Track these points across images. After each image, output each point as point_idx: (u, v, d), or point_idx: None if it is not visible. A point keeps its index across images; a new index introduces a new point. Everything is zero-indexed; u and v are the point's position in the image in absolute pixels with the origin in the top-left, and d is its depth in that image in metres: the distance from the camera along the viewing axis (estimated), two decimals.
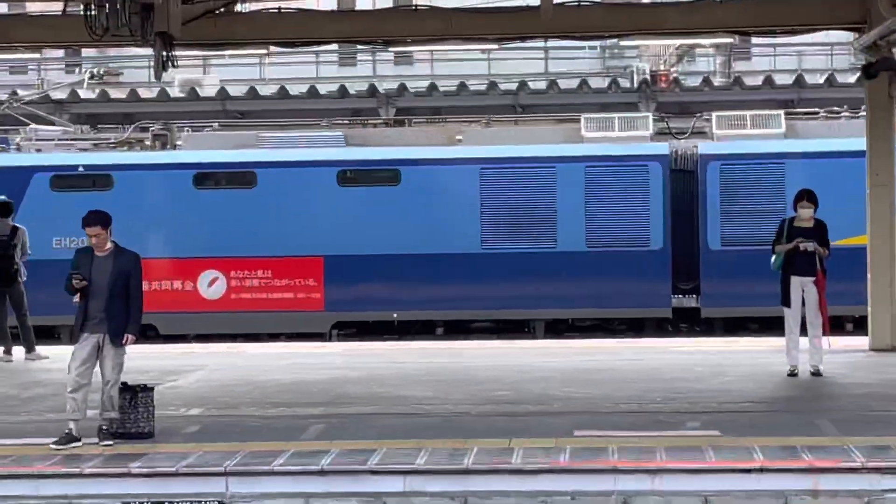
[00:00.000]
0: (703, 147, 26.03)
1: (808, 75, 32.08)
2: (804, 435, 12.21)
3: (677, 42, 29.47)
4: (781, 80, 32.06)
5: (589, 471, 10.90)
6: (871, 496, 10.54)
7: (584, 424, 13.03)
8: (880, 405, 14.18)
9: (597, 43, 30.85)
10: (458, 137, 26.94)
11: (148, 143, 25.92)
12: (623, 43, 29.46)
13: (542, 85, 30.54)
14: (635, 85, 30.77)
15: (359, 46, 27.99)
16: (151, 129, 26.67)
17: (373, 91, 31.21)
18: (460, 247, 25.09)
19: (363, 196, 24.86)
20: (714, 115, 27.14)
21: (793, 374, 16.85)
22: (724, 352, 20.00)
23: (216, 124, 27.57)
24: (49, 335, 23.43)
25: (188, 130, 26.66)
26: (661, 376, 17.35)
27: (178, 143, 26.00)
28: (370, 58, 32.51)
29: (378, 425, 13.25)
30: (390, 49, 25.98)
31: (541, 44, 28.77)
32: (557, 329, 24.15)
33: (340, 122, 28.56)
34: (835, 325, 19.16)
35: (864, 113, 22.41)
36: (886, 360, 18.69)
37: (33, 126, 27.17)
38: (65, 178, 24.40)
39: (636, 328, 25.16)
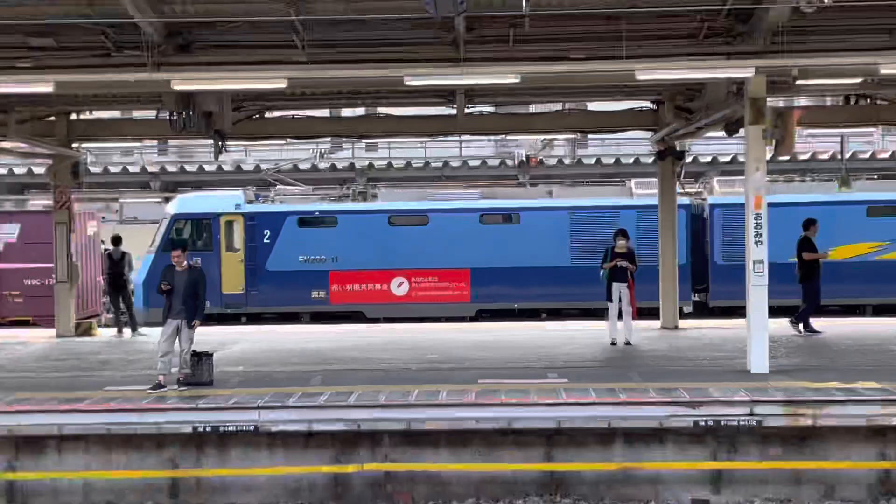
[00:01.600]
0: (710, 199, 27.18)
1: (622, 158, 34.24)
2: (620, 381, 13.65)
3: (542, 136, 30.75)
4: (606, 160, 34.21)
5: (485, 405, 12.39)
6: (662, 420, 12.00)
7: (484, 376, 14.32)
8: (668, 363, 15.65)
9: (492, 137, 31.88)
10: (549, 191, 28.48)
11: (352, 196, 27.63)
12: (508, 136, 30.75)
13: (457, 163, 32.14)
14: (517, 163, 32.46)
15: (343, 138, 29.22)
16: (353, 188, 28.32)
17: (369, 166, 32.32)
18: (557, 262, 25.93)
19: (495, 230, 26.16)
20: (715, 179, 28.59)
21: (613, 343, 18.10)
22: (587, 329, 20.72)
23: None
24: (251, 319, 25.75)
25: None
26: (538, 345, 18.16)
27: (376, 196, 27.83)
28: (350, 145, 33.79)
29: (355, 377, 14.36)
30: (362, 139, 27.16)
31: (457, 137, 29.88)
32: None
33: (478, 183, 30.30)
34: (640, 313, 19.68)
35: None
36: (671, 334, 20.15)
37: (280, 187, 29.05)
38: (306, 219, 26.06)
39: None
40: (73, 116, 20.32)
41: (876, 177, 30.91)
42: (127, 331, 21.26)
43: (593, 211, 26.00)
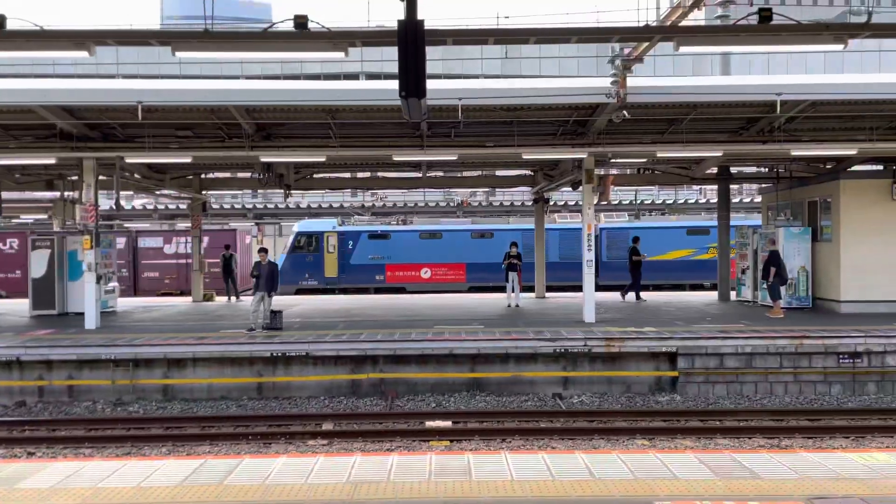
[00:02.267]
0: (554, 226, 26.27)
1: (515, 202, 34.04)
2: (512, 327, 13.74)
3: (470, 189, 30.74)
4: (506, 203, 33.85)
5: (437, 340, 12.44)
6: (535, 348, 12.09)
7: (437, 324, 14.30)
8: (539, 317, 15.43)
9: (441, 189, 31.70)
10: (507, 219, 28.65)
11: (395, 222, 27.69)
12: (451, 189, 30.75)
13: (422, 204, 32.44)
14: (456, 204, 32.32)
15: (357, 189, 29.14)
16: (398, 218, 28.89)
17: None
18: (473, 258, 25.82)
19: (479, 241, 25.86)
20: (556, 215, 28.22)
21: (508, 306, 17.56)
22: (495, 298, 18.95)
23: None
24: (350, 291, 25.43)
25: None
26: (468, 307, 17.88)
27: (412, 222, 28.01)
28: (362, 192, 33.74)
29: (363, 325, 14.23)
30: (368, 190, 27.32)
31: (422, 189, 29.80)
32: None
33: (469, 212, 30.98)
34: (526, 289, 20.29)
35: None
36: (541, 301, 19.41)
37: (356, 217, 29.15)
38: (373, 235, 26.01)
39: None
40: (203, 175, 20.22)
41: (664, 213, 31.60)
42: (233, 299, 20.90)
43: (528, 231, 25.12)
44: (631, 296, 19.50)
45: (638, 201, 32.50)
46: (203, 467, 5.81)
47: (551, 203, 29.97)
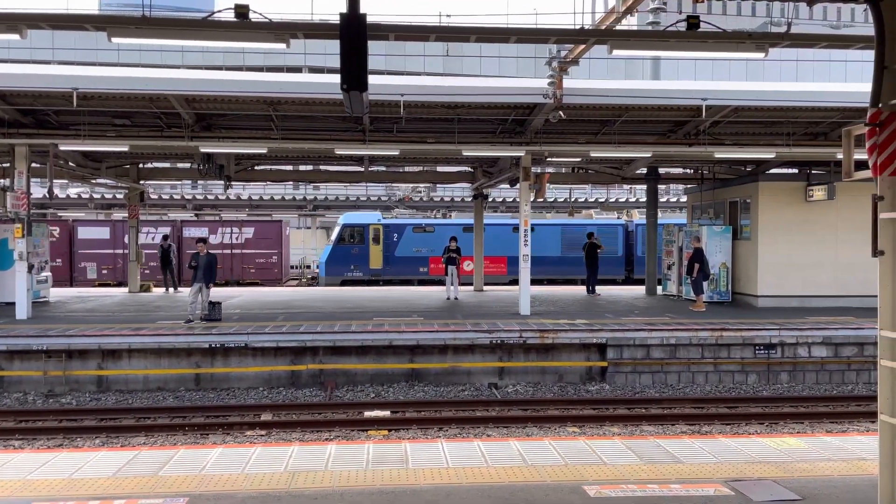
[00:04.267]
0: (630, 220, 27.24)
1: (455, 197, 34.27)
2: (451, 319, 13.81)
3: (411, 185, 30.71)
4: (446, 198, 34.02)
5: (377, 331, 12.30)
6: (472, 339, 12.10)
7: (377, 316, 14.17)
8: (477, 309, 15.50)
9: (383, 183, 31.41)
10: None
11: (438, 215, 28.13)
12: (393, 184, 30.57)
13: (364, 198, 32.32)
14: (397, 200, 31.97)
15: (300, 182, 28.46)
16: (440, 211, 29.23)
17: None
18: (552, 252, 25.40)
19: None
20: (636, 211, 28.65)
21: (448, 299, 17.32)
22: (434, 291, 18.89)
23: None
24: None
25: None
26: (408, 299, 17.91)
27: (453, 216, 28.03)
28: (304, 185, 32.91)
29: (303, 316, 13.98)
30: (311, 183, 26.74)
31: (364, 184, 29.46)
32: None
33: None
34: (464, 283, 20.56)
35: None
36: (479, 294, 19.66)
37: (397, 210, 29.21)
38: (417, 228, 25.64)
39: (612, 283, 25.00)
40: (141, 165, 19.50)
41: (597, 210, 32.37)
42: (171, 290, 20.32)
43: (572, 226, 26.13)
44: (605, 289, 19.93)
45: (572, 199, 33.04)
46: (137, 459, 5.62)
47: (490, 199, 30.25)
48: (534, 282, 21.46)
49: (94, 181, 19.92)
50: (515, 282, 25.01)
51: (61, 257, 24.21)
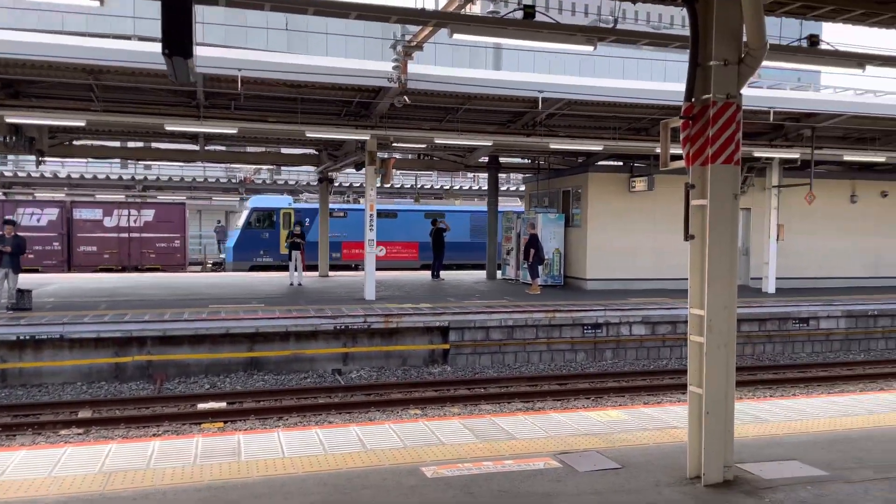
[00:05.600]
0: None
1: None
2: (293, 305, 13.42)
3: (254, 166, 29.75)
4: (290, 181, 33.38)
5: (212, 319, 11.71)
6: (316, 326, 11.82)
7: (213, 303, 13.58)
8: (321, 295, 15.31)
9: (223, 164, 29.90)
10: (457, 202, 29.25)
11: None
12: (234, 164, 29.28)
13: (201, 179, 30.51)
14: (238, 181, 30.95)
15: (128, 160, 26.18)
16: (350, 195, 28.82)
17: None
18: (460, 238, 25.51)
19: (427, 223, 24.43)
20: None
21: (291, 284, 17.03)
22: (278, 276, 19.01)
23: None
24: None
25: None
26: (248, 285, 17.39)
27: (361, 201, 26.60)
28: (134, 164, 30.35)
29: (129, 304, 13.07)
30: (139, 162, 24.47)
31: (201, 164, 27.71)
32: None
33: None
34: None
35: None
36: (325, 279, 19.56)
37: (306, 194, 28.17)
38: (330, 213, 23.21)
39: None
40: None
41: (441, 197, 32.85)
42: None
43: (470, 213, 27.03)
44: (450, 274, 20.23)
45: (419, 186, 33.39)
46: None
47: (337, 184, 29.77)
48: (445, 266, 21.78)
49: None
50: (427, 266, 25.11)
51: (57, 240, 22.52)
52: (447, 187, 34.87)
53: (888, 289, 18.68)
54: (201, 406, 9.81)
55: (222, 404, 9.93)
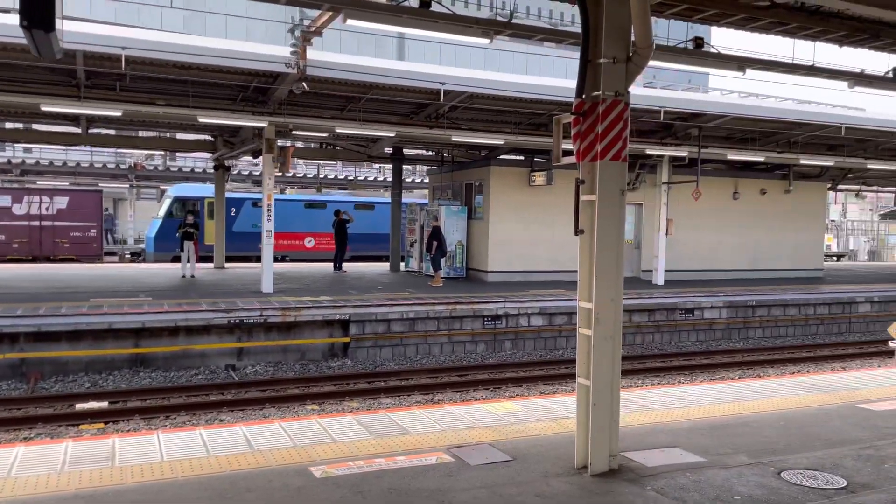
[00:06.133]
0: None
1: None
2: (186, 298, 12.89)
3: (145, 151, 28.55)
4: (185, 169, 31.84)
5: (95, 314, 11.05)
6: (209, 320, 11.32)
7: (97, 295, 12.86)
8: (216, 288, 14.78)
9: (112, 149, 28.37)
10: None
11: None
12: (123, 149, 27.87)
13: (87, 164, 28.49)
14: (129, 167, 29.21)
15: (5, 141, 24.22)
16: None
17: None
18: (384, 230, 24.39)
19: (363, 213, 25.24)
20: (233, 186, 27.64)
21: (183, 276, 16.52)
22: (169, 267, 17.76)
23: None
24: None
25: None
26: (134, 277, 16.61)
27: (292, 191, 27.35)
28: (11, 146, 28.06)
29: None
30: (17, 144, 22.32)
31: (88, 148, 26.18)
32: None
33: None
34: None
35: None
36: (220, 271, 18.70)
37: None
38: (256, 202, 23.73)
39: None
40: None
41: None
42: None
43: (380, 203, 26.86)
44: (353, 266, 20.00)
45: (322, 176, 32.75)
46: None
47: (236, 172, 28.73)
48: (376, 258, 21.26)
49: None
50: (357, 258, 25.12)
51: None
52: (351, 178, 34.40)
53: (766, 281, 20.01)
54: (80, 406, 9.18)
55: (104, 404, 9.34)
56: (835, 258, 36.59)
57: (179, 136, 21.65)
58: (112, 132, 19.37)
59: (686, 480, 4.71)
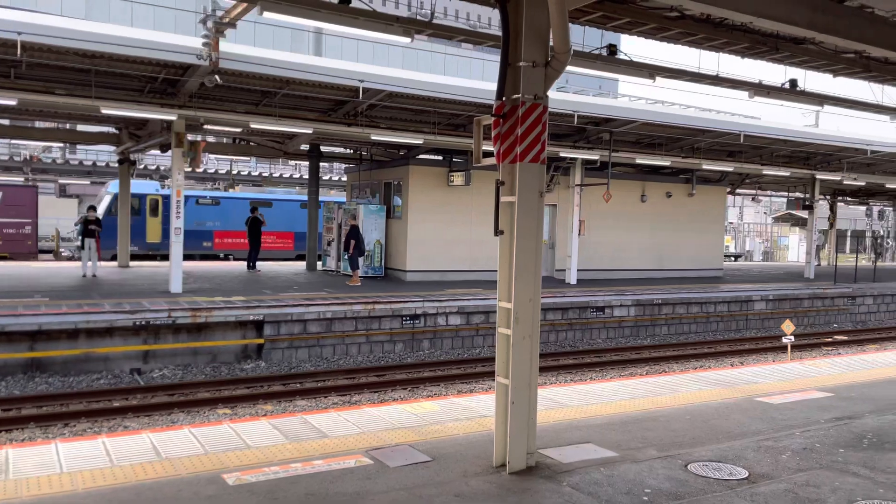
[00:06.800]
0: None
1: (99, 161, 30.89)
2: (87, 299, 12.16)
3: (42, 143, 27.13)
4: (87, 162, 30.21)
5: (54, 314, 10.84)
6: (112, 322, 10.76)
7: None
8: (120, 288, 14.03)
9: (6, 139, 26.68)
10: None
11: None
12: (17, 140, 26.43)
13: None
14: (23, 159, 27.47)
15: None
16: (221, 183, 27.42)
17: None
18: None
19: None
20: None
21: (84, 276, 15.58)
22: (70, 266, 16.68)
23: None
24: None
25: None
26: (32, 277, 15.47)
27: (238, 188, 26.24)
28: None
29: None
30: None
31: None
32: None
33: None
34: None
35: None
36: (125, 270, 17.94)
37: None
38: (202, 200, 24.16)
39: None
40: None
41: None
42: None
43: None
44: (267, 265, 19.38)
45: (235, 172, 31.80)
46: None
47: (142, 166, 27.50)
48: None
49: None
50: (302, 257, 24.23)
51: None
52: (266, 174, 33.57)
53: (671, 280, 20.91)
54: None
55: None
56: (733, 258, 38.70)
57: (80, 127, 20.52)
58: (6, 122, 18.14)
59: (600, 475, 4.83)
